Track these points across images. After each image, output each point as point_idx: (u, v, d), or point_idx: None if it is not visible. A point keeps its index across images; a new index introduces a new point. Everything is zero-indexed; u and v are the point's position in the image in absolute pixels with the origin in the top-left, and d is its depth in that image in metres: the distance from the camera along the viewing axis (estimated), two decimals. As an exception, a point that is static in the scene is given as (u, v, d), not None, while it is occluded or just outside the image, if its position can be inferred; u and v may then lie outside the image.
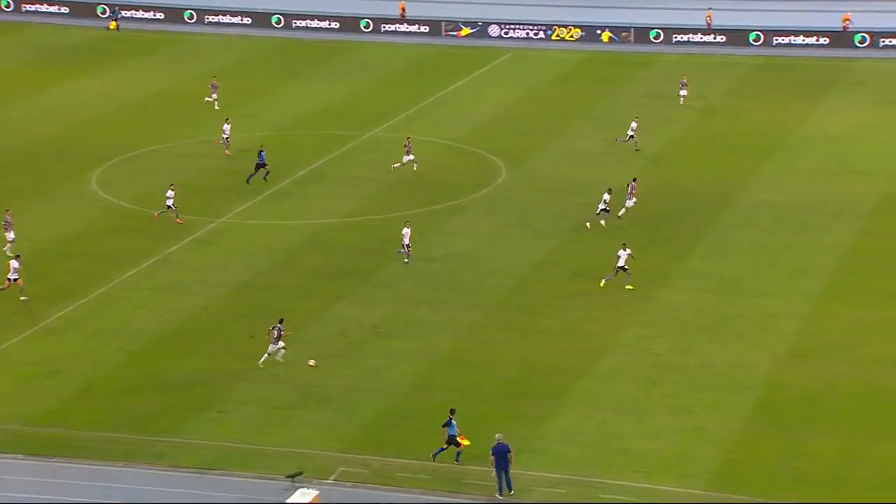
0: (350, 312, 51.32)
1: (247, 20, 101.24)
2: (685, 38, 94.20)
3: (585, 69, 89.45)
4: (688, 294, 52.67)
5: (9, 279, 52.13)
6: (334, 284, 54.13)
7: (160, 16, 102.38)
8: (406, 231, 55.53)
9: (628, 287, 52.55)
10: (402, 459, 40.55)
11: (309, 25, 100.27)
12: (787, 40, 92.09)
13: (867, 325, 49.37)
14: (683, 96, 78.23)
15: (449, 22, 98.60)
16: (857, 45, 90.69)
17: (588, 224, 59.20)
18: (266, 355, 46.42)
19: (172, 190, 60.75)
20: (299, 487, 38.07)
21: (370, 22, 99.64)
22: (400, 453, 40.96)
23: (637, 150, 69.53)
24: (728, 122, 76.39)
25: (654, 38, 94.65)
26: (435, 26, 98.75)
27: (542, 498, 38.57)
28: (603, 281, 52.95)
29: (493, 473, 38.58)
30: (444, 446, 40.05)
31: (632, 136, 69.98)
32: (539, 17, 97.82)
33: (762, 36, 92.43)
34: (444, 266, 56.06)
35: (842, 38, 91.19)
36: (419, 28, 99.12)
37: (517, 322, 50.41)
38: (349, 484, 39.18)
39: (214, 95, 79.49)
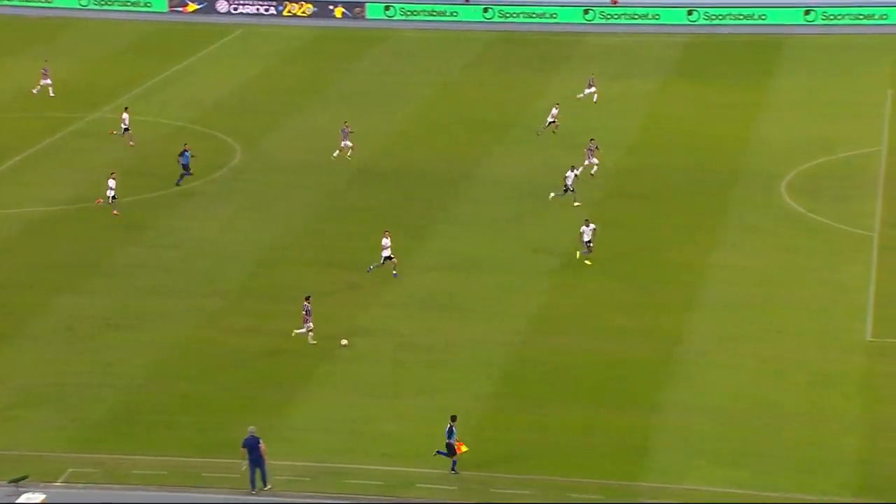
0: (77, 304, 48.84)
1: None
2: (420, 12, 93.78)
3: (319, 46, 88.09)
4: (430, 273, 52.29)
5: None
6: (58, 276, 51.48)
7: None
8: (385, 241, 51.36)
9: (580, 257, 52.35)
10: (137, 456, 38.98)
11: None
12: (519, 15, 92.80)
13: (604, 297, 49.95)
14: (586, 94, 72.87)
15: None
16: (587, 20, 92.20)
17: (575, 203, 58.03)
18: (310, 333, 45.42)
19: (114, 179, 57.64)
20: (24, 492, 36.23)
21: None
22: (136, 449, 39.33)
23: (554, 132, 67.49)
24: (465, 98, 76.44)
25: (388, 13, 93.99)
26: (159, 1, 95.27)
27: (286, 488, 37.38)
28: (587, 262, 52.26)
29: (245, 467, 37.24)
30: (445, 452, 38.18)
31: (552, 122, 68.15)
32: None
33: (494, 10, 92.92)
34: (178, 253, 54.06)
35: (575, 14, 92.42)
36: (143, 4, 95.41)
37: (259, 308, 49.04)
38: (80, 485, 37.52)
39: (48, 81, 74.30)
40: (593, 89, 73.40)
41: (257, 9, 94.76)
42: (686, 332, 47.03)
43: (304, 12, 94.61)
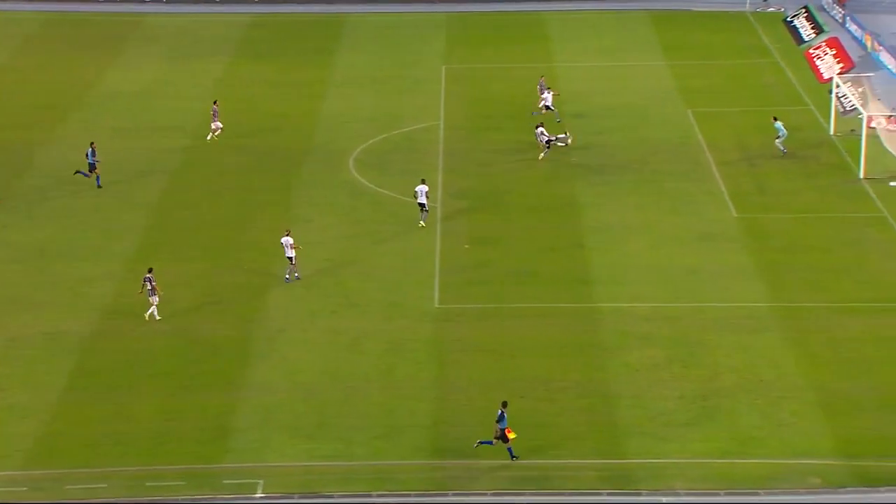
0: None
1: None
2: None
3: None
4: (-7, 266, 50.01)
5: None
6: None
7: None
8: (286, 240, 47.70)
9: (421, 224, 53.49)
10: None
11: None
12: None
13: (180, 279, 49.28)
14: (544, 98, 66.71)
15: None
16: (144, 0, 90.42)
17: (546, 152, 60.34)
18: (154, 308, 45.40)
19: None
20: None
21: None
22: None
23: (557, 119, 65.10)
24: (19, 81, 73.30)
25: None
26: None
27: None
28: (421, 223, 53.62)
29: None
30: (493, 441, 37.62)
31: (548, 108, 65.11)
32: None
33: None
34: None
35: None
36: None
37: None
38: None
39: None
40: (544, 94, 66.90)
41: None
42: (263, 311, 47.16)
43: None
